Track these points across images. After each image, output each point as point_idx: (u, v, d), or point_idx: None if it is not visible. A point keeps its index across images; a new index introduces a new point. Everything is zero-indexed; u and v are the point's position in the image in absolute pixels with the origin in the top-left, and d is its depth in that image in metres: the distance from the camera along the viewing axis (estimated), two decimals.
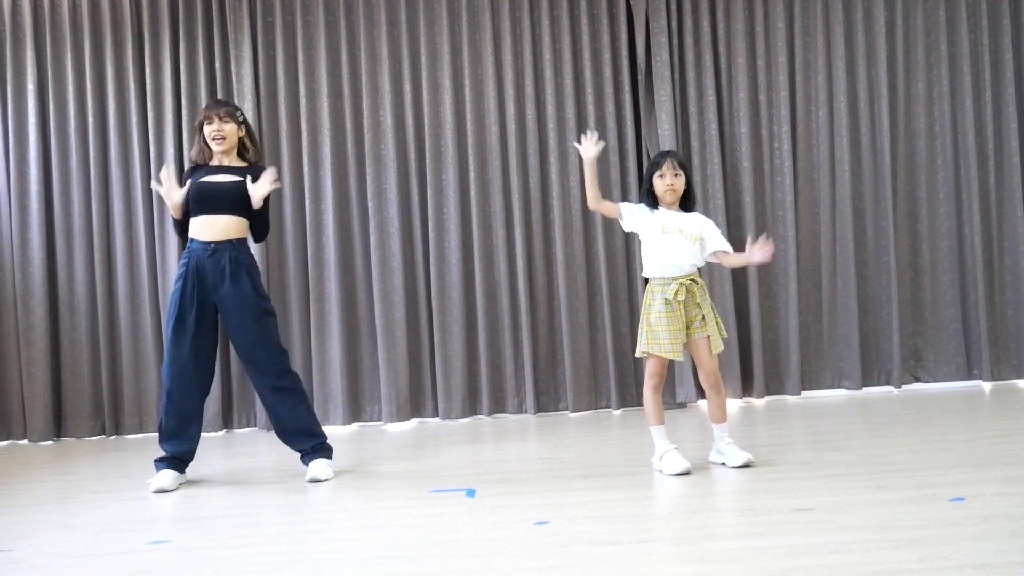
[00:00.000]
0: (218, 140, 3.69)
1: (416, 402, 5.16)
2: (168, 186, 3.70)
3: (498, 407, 5.16)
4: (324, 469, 3.63)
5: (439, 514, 2.97)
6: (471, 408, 5.15)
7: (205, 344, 3.68)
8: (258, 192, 3.64)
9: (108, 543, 2.83)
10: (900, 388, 5.21)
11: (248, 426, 5.15)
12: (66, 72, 5.14)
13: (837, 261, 5.25)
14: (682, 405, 5.10)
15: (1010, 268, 5.29)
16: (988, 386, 5.21)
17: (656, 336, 3.38)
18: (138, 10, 5.17)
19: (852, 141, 5.26)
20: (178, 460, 3.68)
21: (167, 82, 5.12)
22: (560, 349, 5.17)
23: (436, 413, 5.15)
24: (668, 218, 3.46)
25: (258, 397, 3.95)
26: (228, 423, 5.14)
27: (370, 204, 5.12)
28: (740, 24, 5.23)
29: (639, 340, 3.47)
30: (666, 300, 3.37)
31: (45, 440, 5.06)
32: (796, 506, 2.78)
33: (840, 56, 5.25)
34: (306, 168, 5.13)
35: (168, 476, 3.60)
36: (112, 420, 5.12)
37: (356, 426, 5.13)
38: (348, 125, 5.17)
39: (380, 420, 5.13)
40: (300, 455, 3.74)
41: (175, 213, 3.75)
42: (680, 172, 3.45)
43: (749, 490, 3.06)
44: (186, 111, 5.10)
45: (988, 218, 5.31)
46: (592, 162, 3.46)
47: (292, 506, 3.26)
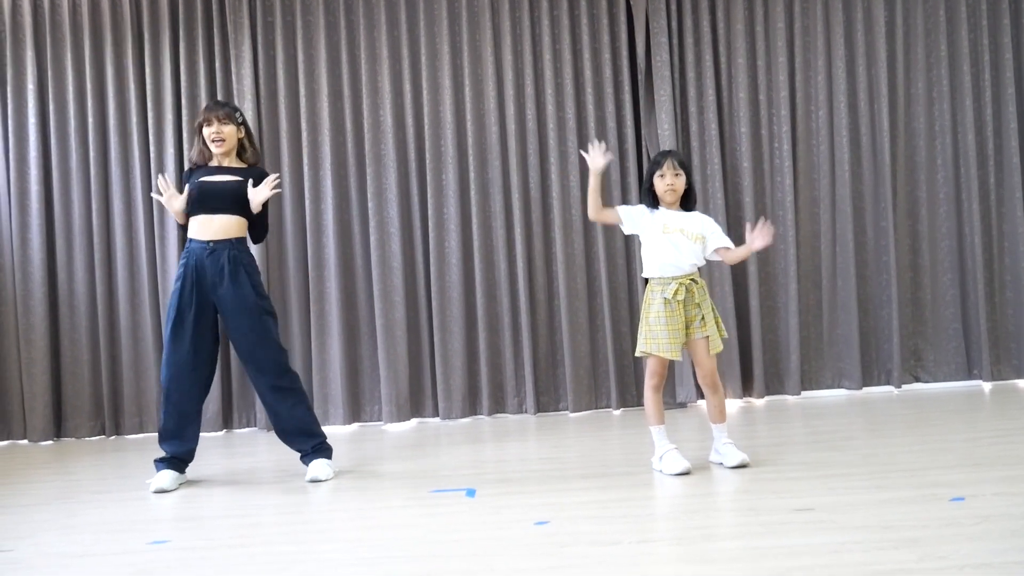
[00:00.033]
0: (217, 142, 3.69)
1: (416, 402, 5.17)
2: (168, 195, 3.71)
3: (498, 407, 5.16)
4: (324, 469, 3.63)
5: (439, 514, 2.97)
6: (471, 408, 5.15)
7: (204, 344, 3.68)
8: (258, 197, 3.65)
9: (108, 543, 2.83)
10: (900, 388, 5.21)
11: (248, 426, 5.15)
12: (66, 72, 5.15)
13: (837, 261, 5.25)
14: (682, 405, 5.10)
15: (1010, 268, 5.29)
16: (988, 386, 5.21)
17: (655, 336, 3.38)
18: (138, 10, 5.17)
19: (852, 141, 5.26)
20: (178, 460, 3.68)
21: (167, 82, 5.13)
22: (560, 349, 5.17)
23: (436, 413, 5.15)
24: (669, 218, 3.46)
25: (258, 397, 3.95)
26: (228, 423, 5.15)
27: (370, 204, 5.12)
28: (740, 24, 5.23)
29: (638, 339, 3.47)
30: (665, 300, 3.37)
31: (45, 440, 5.06)
32: (796, 506, 2.78)
33: (840, 56, 5.25)
34: (306, 168, 5.13)
35: (168, 476, 3.60)
36: (112, 420, 5.12)
37: (356, 426, 5.13)
38: (348, 125, 5.17)
39: (380, 420, 5.13)
40: (300, 455, 3.74)
41: (179, 219, 3.75)
42: (681, 172, 3.45)
43: (749, 490, 3.06)
44: (186, 111, 5.10)
45: (988, 218, 5.31)
46: (598, 173, 3.43)
47: (292, 506, 3.26)
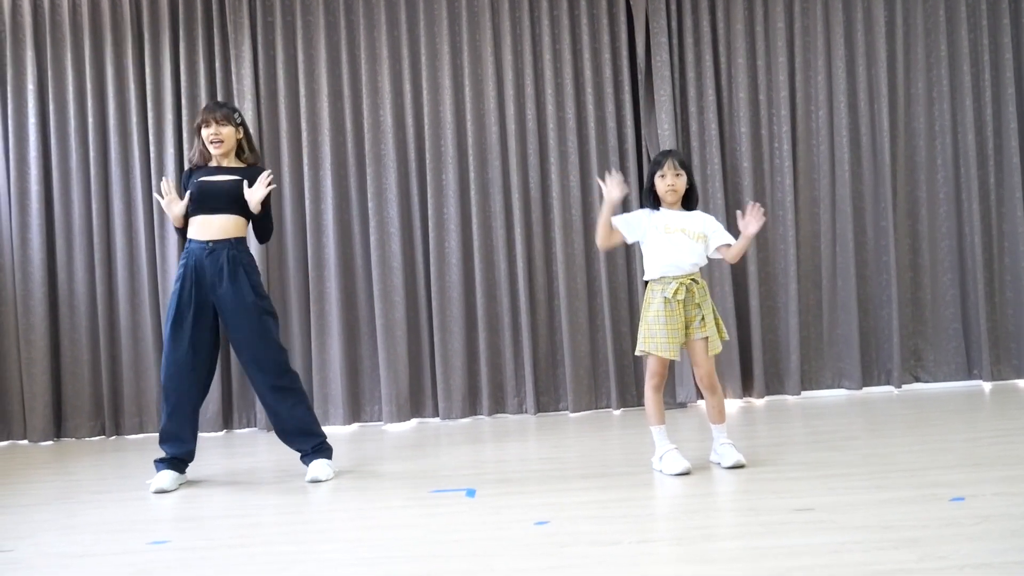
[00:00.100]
0: (216, 143, 3.69)
1: (416, 402, 5.17)
2: (168, 199, 3.71)
3: (498, 407, 5.16)
4: (324, 469, 3.63)
5: (439, 514, 2.97)
6: (471, 408, 5.15)
7: (203, 344, 3.67)
8: (254, 197, 3.64)
9: (108, 543, 2.83)
10: (900, 388, 5.21)
11: (248, 426, 5.15)
12: (66, 72, 5.15)
13: (837, 261, 5.25)
14: (682, 405, 5.10)
15: (1010, 268, 5.29)
16: (988, 386, 5.20)
17: (653, 335, 3.38)
18: (138, 10, 5.17)
19: (852, 141, 5.26)
20: (178, 461, 3.68)
21: (167, 82, 5.13)
22: (560, 349, 5.17)
23: (436, 413, 5.15)
24: (670, 218, 3.45)
25: (257, 397, 3.95)
26: (228, 423, 5.15)
27: (370, 204, 5.12)
28: (740, 24, 5.23)
29: (638, 338, 3.47)
30: (665, 299, 3.37)
31: (45, 440, 5.06)
32: (796, 506, 2.78)
33: (840, 56, 5.24)
34: (306, 168, 5.13)
35: (168, 476, 3.60)
36: (112, 420, 5.12)
37: (356, 426, 5.13)
38: (348, 125, 5.17)
39: (380, 420, 5.13)
40: (300, 455, 3.73)
41: (176, 223, 3.76)
42: (681, 172, 3.45)
43: (749, 490, 3.06)
44: (186, 111, 5.10)
45: (988, 218, 5.31)
46: (612, 204, 3.40)
47: (292, 506, 3.26)
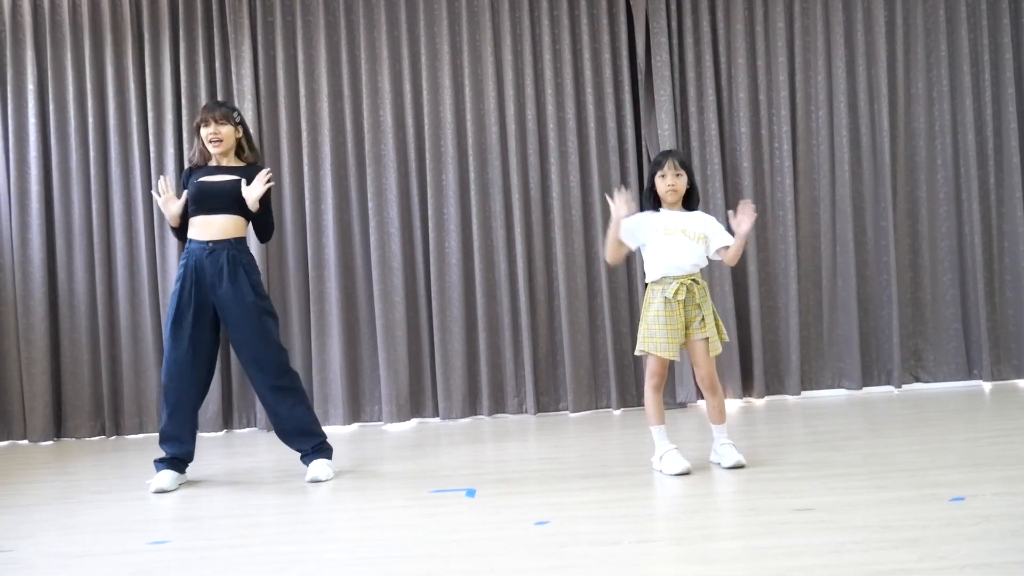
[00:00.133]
0: (215, 143, 3.69)
1: (416, 402, 5.16)
2: (165, 197, 3.71)
3: (498, 407, 5.16)
4: (324, 469, 3.63)
5: (439, 514, 2.97)
6: (471, 408, 5.15)
7: (203, 344, 3.67)
8: (252, 195, 3.64)
9: (108, 543, 2.83)
10: (900, 388, 5.21)
11: (248, 426, 5.15)
12: (66, 72, 5.15)
13: (837, 261, 5.25)
14: (682, 405, 5.10)
15: (1010, 268, 5.29)
16: (988, 386, 5.20)
17: (653, 335, 3.38)
18: (138, 10, 5.17)
19: (852, 141, 5.26)
20: (178, 461, 3.68)
21: (167, 82, 5.13)
22: (560, 349, 5.17)
23: (436, 413, 5.15)
24: (670, 219, 3.45)
25: (257, 397, 3.95)
26: (228, 423, 5.15)
27: (370, 204, 5.12)
28: (740, 24, 5.23)
29: (638, 338, 3.47)
30: (665, 299, 3.36)
31: (45, 440, 5.06)
32: (796, 506, 2.78)
33: (840, 56, 5.24)
34: (306, 168, 5.13)
35: (168, 476, 3.60)
36: (112, 420, 5.12)
37: (356, 426, 5.13)
38: (348, 125, 5.17)
39: (380, 420, 5.13)
40: (300, 455, 3.73)
41: (172, 222, 3.76)
42: (682, 172, 3.44)
43: (749, 490, 3.06)
44: (186, 111, 5.10)
45: (988, 218, 5.31)
46: (620, 222, 3.38)
47: (292, 506, 3.26)
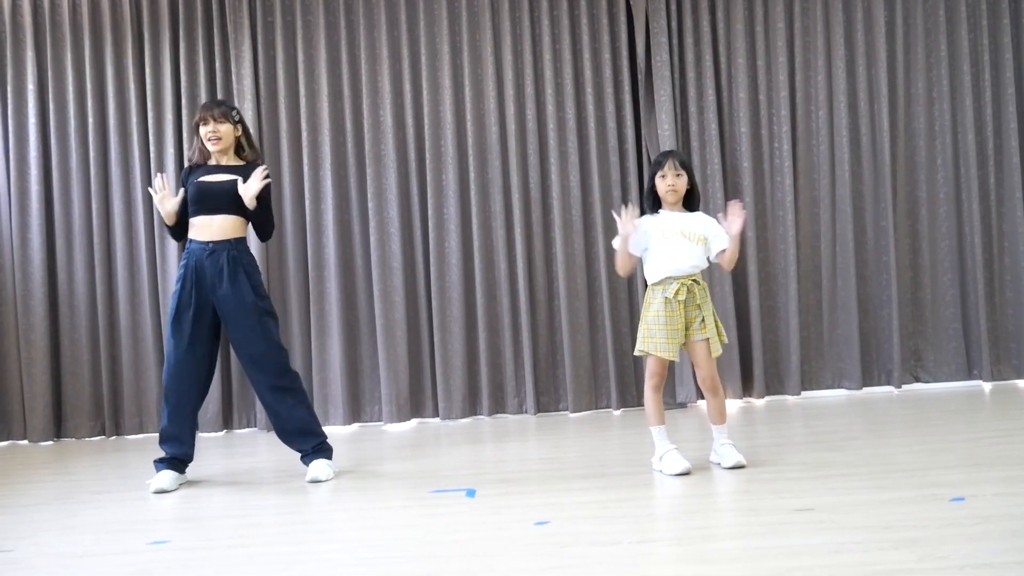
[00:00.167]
0: (213, 141, 3.68)
1: (416, 402, 5.16)
2: (162, 195, 3.71)
3: (498, 407, 5.16)
4: (324, 469, 3.63)
5: (439, 514, 2.97)
6: (471, 408, 5.15)
7: (203, 345, 3.67)
8: (248, 191, 3.62)
9: (108, 543, 2.83)
10: (900, 388, 5.21)
11: (248, 426, 5.15)
12: (66, 72, 5.15)
13: (837, 261, 5.25)
14: (682, 405, 5.10)
15: (1010, 268, 5.29)
16: (988, 386, 5.20)
17: (652, 335, 3.38)
18: (138, 10, 5.17)
19: (852, 141, 5.26)
20: (178, 461, 3.68)
21: (167, 82, 5.13)
22: (560, 349, 5.17)
23: (436, 413, 5.15)
24: (670, 221, 3.44)
25: (257, 397, 3.95)
26: (228, 423, 5.14)
27: (370, 204, 5.12)
28: (740, 24, 5.23)
29: (637, 338, 3.47)
30: (666, 299, 3.36)
31: (45, 440, 5.06)
32: (796, 506, 2.78)
33: (840, 56, 5.24)
34: (306, 168, 5.13)
35: (168, 476, 3.60)
36: (112, 420, 5.12)
37: (356, 426, 5.13)
38: (348, 125, 5.17)
39: (380, 420, 5.13)
40: (300, 455, 3.73)
41: (168, 220, 3.75)
42: (682, 172, 3.44)
43: (749, 490, 3.06)
44: (186, 111, 5.10)
45: (988, 218, 5.31)
46: (627, 238, 3.39)
47: (292, 506, 3.26)
